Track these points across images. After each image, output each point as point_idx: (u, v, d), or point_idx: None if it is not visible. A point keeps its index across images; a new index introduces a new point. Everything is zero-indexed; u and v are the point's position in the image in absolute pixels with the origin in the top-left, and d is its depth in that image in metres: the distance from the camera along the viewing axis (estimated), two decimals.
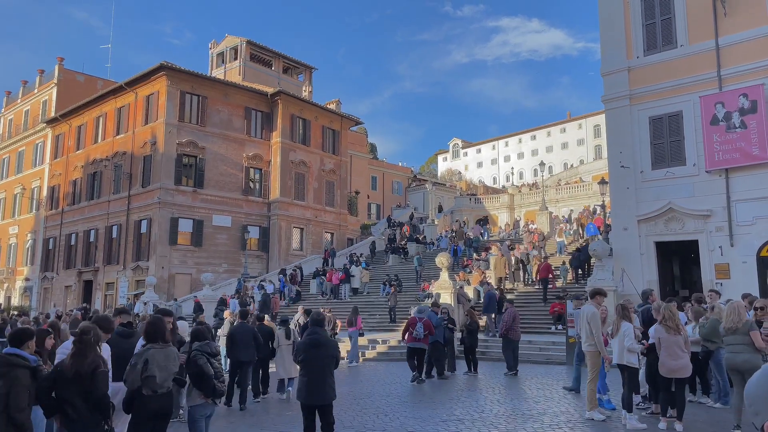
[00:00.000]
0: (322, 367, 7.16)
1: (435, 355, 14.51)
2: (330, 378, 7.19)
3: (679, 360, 8.16)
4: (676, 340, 8.17)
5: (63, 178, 41.67)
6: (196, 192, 34.39)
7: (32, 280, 43.17)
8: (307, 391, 7.10)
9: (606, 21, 19.84)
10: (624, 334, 8.57)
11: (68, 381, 5.07)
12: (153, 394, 5.65)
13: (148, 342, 5.92)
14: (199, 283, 31.44)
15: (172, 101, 33.95)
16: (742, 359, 7.78)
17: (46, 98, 45.89)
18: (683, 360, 8.20)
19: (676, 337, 8.17)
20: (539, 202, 40.94)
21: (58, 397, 5.13)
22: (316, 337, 7.35)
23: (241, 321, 11.76)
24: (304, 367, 7.27)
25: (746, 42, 16.85)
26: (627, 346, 8.54)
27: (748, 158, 16.52)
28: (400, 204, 58.67)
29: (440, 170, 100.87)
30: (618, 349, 8.69)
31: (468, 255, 30.15)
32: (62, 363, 5.25)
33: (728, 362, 8.11)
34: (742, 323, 7.92)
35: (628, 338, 8.56)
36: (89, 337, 5.23)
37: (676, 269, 19.34)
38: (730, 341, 8.04)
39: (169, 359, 5.90)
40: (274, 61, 46.51)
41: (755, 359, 7.75)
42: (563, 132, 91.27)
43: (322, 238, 40.44)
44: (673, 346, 8.17)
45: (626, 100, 18.91)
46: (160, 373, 5.71)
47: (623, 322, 8.72)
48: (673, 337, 8.18)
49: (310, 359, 7.18)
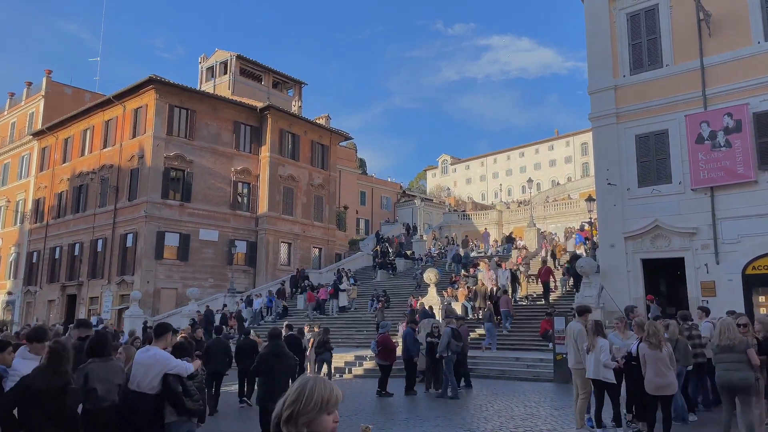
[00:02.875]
0: (285, 375, 8.18)
1: (408, 371, 14.57)
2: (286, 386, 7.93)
3: (665, 378, 8.14)
4: (661, 356, 8.15)
5: (48, 191, 41.26)
6: (183, 206, 34.15)
7: (15, 294, 42.52)
8: (271, 397, 7.74)
9: (593, 40, 20.08)
10: (600, 350, 8.62)
11: (34, 397, 4.70)
12: (98, 408, 5.51)
13: (89, 356, 5.82)
14: (184, 298, 31.13)
15: (161, 115, 33.83)
16: (738, 377, 7.77)
17: (33, 111, 45.56)
18: (669, 377, 8.18)
19: (661, 354, 8.16)
20: (527, 218, 41.09)
21: (22, 415, 4.75)
22: (275, 349, 8.46)
23: (217, 336, 12.70)
24: (266, 375, 8.29)
25: (730, 62, 17.10)
26: (603, 362, 8.62)
27: (733, 177, 16.68)
28: (389, 219, 58.61)
29: (429, 186, 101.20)
30: (593, 364, 8.76)
31: (456, 271, 30.10)
32: (28, 377, 4.84)
33: (722, 380, 8.05)
34: (738, 341, 7.93)
35: (603, 354, 8.65)
36: (60, 351, 4.93)
37: (662, 286, 19.40)
38: (725, 359, 7.99)
39: (110, 372, 5.78)
40: (263, 75, 46.60)
41: (751, 377, 7.80)
42: (551, 149, 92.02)
43: (310, 253, 40.27)
44: (657, 362, 8.15)
45: (613, 118, 19.08)
46: (101, 385, 5.59)
47: (598, 338, 8.77)
48: (657, 353, 8.17)
49: (273, 368, 8.20)
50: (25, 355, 5.34)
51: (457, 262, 31.49)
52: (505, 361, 18.10)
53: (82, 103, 41.12)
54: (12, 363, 5.46)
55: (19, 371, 5.05)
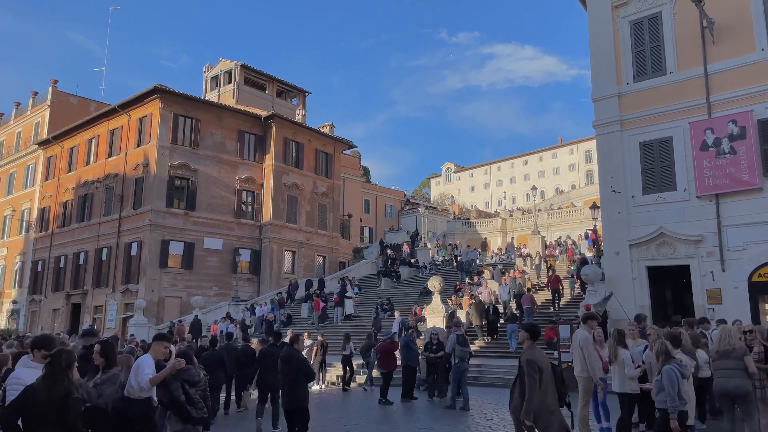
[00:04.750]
0: (296, 378, 8.76)
1: (404, 377, 14.54)
2: (303, 387, 8.82)
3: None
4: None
5: (54, 200, 41.42)
6: (188, 214, 34.22)
7: (20, 303, 42.61)
8: (288, 399, 8.74)
9: (596, 48, 20.10)
10: (624, 362, 8.49)
11: (37, 407, 4.61)
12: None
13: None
14: (189, 307, 31.11)
15: (165, 124, 33.97)
16: (734, 384, 7.71)
17: (38, 120, 45.84)
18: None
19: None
20: (531, 226, 41.06)
21: (26, 425, 4.64)
22: (290, 353, 9.02)
23: (212, 347, 12.95)
24: (282, 378, 8.98)
25: (734, 69, 17.07)
26: (628, 375, 8.47)
27: (738, 184, 16.62)
28: (392, 227, 58.61)
29: (433, 194, 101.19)
30: (619, 378, 8.62)
31: (460, 279, 30.05)
32: (31, 386, 4.75)
33: (719, 387, 8.00)
34: (737, 347, 7.86)
35: (628, 366, 8.48)
36: (60, 360, 4.80)
37: (668, 294, 19.30)
38: (722, 365, 7.94)
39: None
40: (268, 84, 46.80)
41: (747, 384, 7.72)
42: (555, 157, 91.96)
43: (314, 261, 40.26)
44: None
45: (617, 125, 19.05)
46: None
47: (620, 348, 8.64)
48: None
49: (285, 372, 8.88)
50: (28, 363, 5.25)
51: (461, 269, 31.45)
52: (510, 369, 17.98)
53: (88, 113, 41.36)
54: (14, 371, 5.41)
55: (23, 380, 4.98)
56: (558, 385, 6.63)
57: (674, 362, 6.75)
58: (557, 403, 6.57)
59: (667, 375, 6.56)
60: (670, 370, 6.59)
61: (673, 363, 6.71)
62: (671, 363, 6.70)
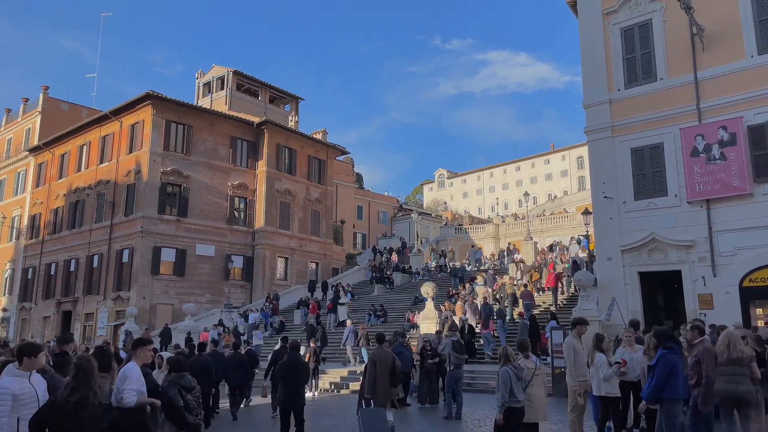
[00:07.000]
0: (298, 382, 9.65)
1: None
2: (302, 389, 9.76)
3: None
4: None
5: (44, 207, 41.15)
6: (180, 221, 34.08)
7: (10, 311, 42.23)
8: (290, 400, 9.50)
9: (587, 55, 20.22)
10: (598, 366, 8.61)
11: (56, 413, 4.63)
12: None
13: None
14: (181, 314, 30.97)
15: (158, 130, 33.87)
16: (744, 389, 7.84)
17: (29, 126, 45.59)
18: None
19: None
20: (524, 232, 41.14)
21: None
22: (293, 358, 9.85)
23: (200, 353, 13.11)
24: (285, 381, 9.61)
25: (724, 75, 17.22)
26: (602, 377, 8.63)
27: (728, 189, 16.73)
28: (385, 233, 58.62)
29: (426, 200, 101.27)
30: (596, 381, 8.79)
31: (454, 285, 30.04)
32: (58, 394, 4.79)
33: (728, 391, 8.01)
34: (746, 354, 7.94)
35: (602, 369, 8.64)
36: (83, 367, 4.81)
37: (660, 299, 19.37)
38: (731, 371, 7.98)
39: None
40: (260, 91, 46.80)
41: (753, 389, 7.89)
42: (547, 163, 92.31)
43: (307, 267, 40.17)
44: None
45: (608, 131, 19.16)
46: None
47: (597, 352, 8.76)
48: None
49: (289, 375, 9.62)
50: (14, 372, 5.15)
51: (454, 275, 31.47)
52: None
53: (79, 119, 41.13)
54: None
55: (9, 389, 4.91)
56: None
57: (510, 365, 7.63)
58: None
59: (501, 375, 7.50)
60: (505, 371, 7.48)
61: (509, 366, 7.60)
62: (508, 365, 7.58)
